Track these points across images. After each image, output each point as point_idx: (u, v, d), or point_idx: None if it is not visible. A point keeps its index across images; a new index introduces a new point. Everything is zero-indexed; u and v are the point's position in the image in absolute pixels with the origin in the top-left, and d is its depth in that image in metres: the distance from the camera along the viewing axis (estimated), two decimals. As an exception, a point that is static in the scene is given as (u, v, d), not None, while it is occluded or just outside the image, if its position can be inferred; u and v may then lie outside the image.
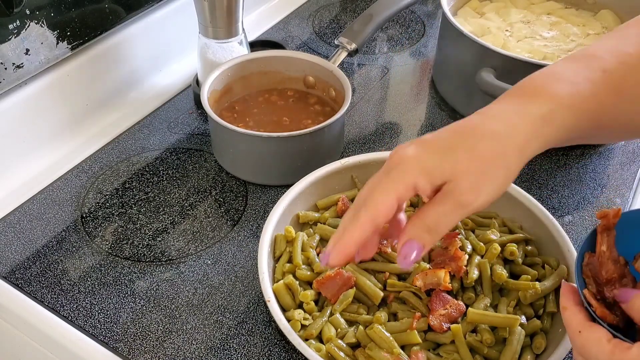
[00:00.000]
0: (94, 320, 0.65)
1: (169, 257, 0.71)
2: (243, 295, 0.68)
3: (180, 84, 0.98)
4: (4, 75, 0.75)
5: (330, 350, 0.58)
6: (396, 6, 0.94)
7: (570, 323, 0.47)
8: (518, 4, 1.03)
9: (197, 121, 0.91)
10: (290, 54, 0.89)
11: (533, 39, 0.94)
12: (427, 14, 1.19)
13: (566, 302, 0.49)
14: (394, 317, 0.62)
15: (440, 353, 0.59)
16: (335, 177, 0.73)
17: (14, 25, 0.73)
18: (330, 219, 0.70)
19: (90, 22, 0.83)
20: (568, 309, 0.48)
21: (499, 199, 0.63)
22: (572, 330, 0.47)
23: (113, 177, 0.81)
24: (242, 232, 0.75)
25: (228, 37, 0.87)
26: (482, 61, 0.84)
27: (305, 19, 1.16)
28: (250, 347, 0.63)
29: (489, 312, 0.60)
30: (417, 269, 0.63)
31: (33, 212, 0.76)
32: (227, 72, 0.85)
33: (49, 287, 0.68)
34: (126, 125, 0.90)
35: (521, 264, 0.65)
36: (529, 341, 0.60)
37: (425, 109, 0.97)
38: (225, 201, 0.79)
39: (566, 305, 0.48)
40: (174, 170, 0.83)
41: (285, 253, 0.66)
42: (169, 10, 0.96)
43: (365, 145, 0.88)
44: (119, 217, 0.76)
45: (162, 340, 0.63)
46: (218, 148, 0.83)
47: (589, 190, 0.83)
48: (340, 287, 0.62)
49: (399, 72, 1.04)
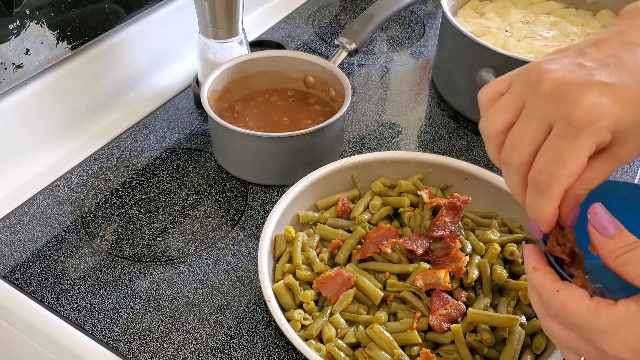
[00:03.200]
0: (94, 320, 0.65)
1: (169, 257, 0.71)
2: (243, 295, 0.68)
3: (180, 84, 0.98)
4: (4, 75, 0.75)
5: (330, 350, 0.58)
6: (396, 6, 0.94)
7: (543, 284, 0.43)
8: (518, 4, 1.03)
9: (197, 121, 0.91)
10: (290, 54, 0.89)
11: (533, 39, 0.94)
12: (427, 14, 1.19)
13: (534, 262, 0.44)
14: (394, 317, 0.62)
15: (440, 353, 0.59)
16: (335, 177, 0.73)
17: (14, 25, 0.73)
18: (330, 219, 0.70)
19: (90, 22, 0.83)
20: (539, 269, 0.44)
21: (498, 199, 0.63)
22: (547, 290, 0.42)
23: (113, 177, 0.81)
24: (242, 232, 0.75)
25: (228, 37, 0.87)
26: (482, 61, 0.84)
27: (305, 19, 1.16)
28: (250, 347, 0.63)
29: (489, 312, 0.60)
30: (417, 269, 0.63)
31: (33, 212, 0.76)
32: (227, 72, 0.85)
33: (49, 287, 0.68)
34: (126, 125, 0.90)
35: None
36: (529, 341, 0.60)
37: (425, 109, 0.97)
38: (225, 201, 0.79)
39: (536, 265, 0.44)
40: (174, 170, 0.83)
41: (285, 253, 0.66)
42: (169, 10, 0.96)
43: (365, 145, 0.88)
44: (119, 217, 0.76)
45: (162, 340, 0.63)
46: (218, 148, 0.83)
47: (589, 190, 0.82)
48: (340, 287, 0.62)
49: (399, 72, 1.04)
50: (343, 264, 0.66)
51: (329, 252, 0.66)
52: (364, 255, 0.65)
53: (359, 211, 0.71)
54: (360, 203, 0.72)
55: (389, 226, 0.67)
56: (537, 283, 0.43)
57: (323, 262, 0.65)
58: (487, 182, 0.71)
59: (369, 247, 0.65)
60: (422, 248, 0.65)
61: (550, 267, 0.44)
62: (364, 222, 0.69)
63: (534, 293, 0.45)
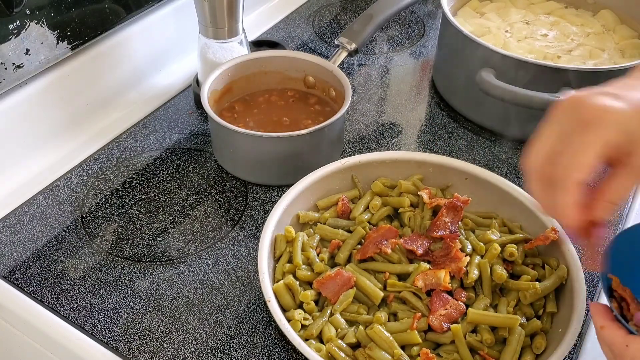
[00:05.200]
0: (94, 320, 0.65)
1: (169, 257, 0.71)
2: (243, 295, 0.68)
3: (180, 84, 0.98)
4: (4, 75, 0.75)
5: (330, 351, 0.58)
6: (396, 6, 0.94)
7: (614, 340, 0.47)
8: (518, 4, 1.03)
9: (197, 121, 0.91)
10: (290, 54, 0.89)
11: (533, 39, 0.95)
12: (427, 14, 1.19)
13: (601, 320, 0.49)
14: (394, 317, 0.62)
15: (440, 353, 0.59)
16: (335, 177, 0.73)
17: (14, 25, 0.73)
18: (330, 219, 0.70)
19: (90, 22, 0.83)
20: (606, 326, 0.48)
21: (498, 199, 0.63)
22: (618, 346, 0.47)
23: (113, 177, 0.81)
24: (242, 232, 0.75)
25: (228, 37, 0.87)
26: (482, 61, 0.84)
27: (305, 19, 1.16)
28: (250, 347, 0.63)
29: (489, 312, 0.60)
30: (417, 269, 0.63)
31: (33, 212, 0.76)
32: (227, 72, 0.85)
33: (49, 287, 0.68)
34: (126, 125, 0.90)
35: (521, 264, 0.65)
36: (529, 341, 0.60)
37: (425, 109, 0.97)
38: (225, 201, 0.79)
39: (603, 323, 0.49)
40: (174, 170, 0.83)
41: (285, 253, 0.66)
42: (169, 10, 0.96)
43: (365, 145, 0.88)
44: (119, 217, 0.76)
45: (162, 340, 0.63)
46: (218, 148, 0.83)
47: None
48: (340, 287, 0.62)
49: (399, 72, 1.04)
50: (343, 264, 0.66)
51: (329, 252, 0.66)
52: (364, 255, 0.65)
53: (359, 211, 0.71)
54: (360, 203, 0.72)
55: (389, 226, 0.67)
56: (608, 340, 0.48)
57: (323, 262, 0.65)
58: (487, 182, 0.71)
59: (369, 247, 0.65)
60: (422, 248, 0.65)
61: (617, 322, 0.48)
62: (364, 222, 0.69)
63: (607, 349, 0.49)
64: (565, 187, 0.45)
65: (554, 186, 0.46)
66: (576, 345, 0.64)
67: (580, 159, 0.44)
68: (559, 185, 0.45)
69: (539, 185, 0.47)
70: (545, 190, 0.47)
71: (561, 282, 0.63)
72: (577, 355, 0.65)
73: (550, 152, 0.46)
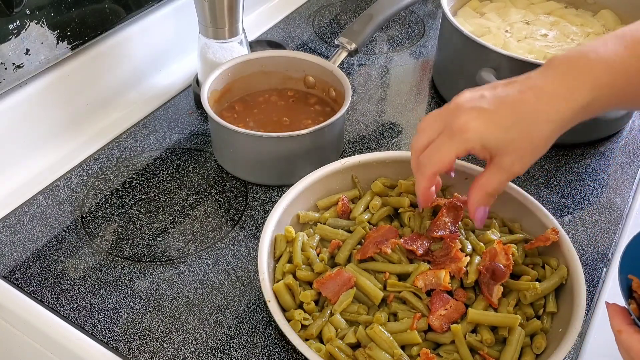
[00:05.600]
0: (94, 320, 0.65)
1: (169, 257, 0.71)
2: (243, 295, 0.68)
3: (180, 84, 0.98)
4: (4, 75, 0.75)
5: (330, 351, 0.58)
6: (396, 6, 0.94)
7: (631, 345, 0.48)
8: (518, 4, 1.03)
9: (197, 121, 0.91)
10: (290, 54, 0.89)
11: (533, 39, 0.95)
12: (427, 14, 1.19)
13: (619, 324, 0.50)
14: (394, 317, 0.62)
15: (440, 353, 0.59)
16: (335, 177, 0.73)
17: (14, 25, 0.73)
18: (330, 219, 0.70)
19: (90, 22, 0.83)
20: (623, 331, 0.49)
21: (499, 199, 0.64)
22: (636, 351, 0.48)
23: (113, 177, 0.81)
24: (242, 232, 0.75)
25: (228, 37, 0.87)
26: (482, 61, 0.84)
27: (305, 19, 1.16)
28: (250, 347, 0.63)
29: (489, 312, 0.60)
30: (417, 269, 0.63)
31: (33, 212, 0.76)
32: (227, 72, 0.85)
33: (49, 287, 0.68)
34: (126, 125, 0.90)
35: (521, 264, 0.65)
36: (529, 341, 0.60)
37: (425, 109, 0.97)
38: (225, 201, 0.79)
39: (620, 327, 0.49)
40: (174, 170, 0.83)
41: (285, 253, 0.66)
42: (169, 10, 0.96)
43: (365, 145, 0.88)
44: (119, 217, 0.76)
45: (162, 340, 0.63)
46: (218, 148, 0.83)
47: (589, 190, 0.83)
48: (340, 287, 0.62)
49: (399, 72, 1.04)
50: (343, 264, 0.66)
51: (329, 252, 0.66)
52: (364, 255, 0.65)
53: (359, 211, 0.71)
54: (360, 203, 0.72)
55: (389, 226, 0.67)
56: (625, 345, 0.49)
57: (323, 262, 0.65)
58: (487, 182, 0.71)
59: (369, 247, 0.65)
60: (422, 248, 0.65)
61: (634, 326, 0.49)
62: (364, 222, 0.69)
63: (625, 353, 0.50)
64: (424, 174, 0.60)
65: (419, 169, 0.61)
66: (576, 345, 0.64)
67: (442, 157, 0.58)
68: (421, 171, 0.61)
69: (414, 163, 0.62)
70: (416, 168, 0.62)
71: (561, 282, 0.63)
72: (577, 355, 0.65)
73: (427, 143, 0.60)
